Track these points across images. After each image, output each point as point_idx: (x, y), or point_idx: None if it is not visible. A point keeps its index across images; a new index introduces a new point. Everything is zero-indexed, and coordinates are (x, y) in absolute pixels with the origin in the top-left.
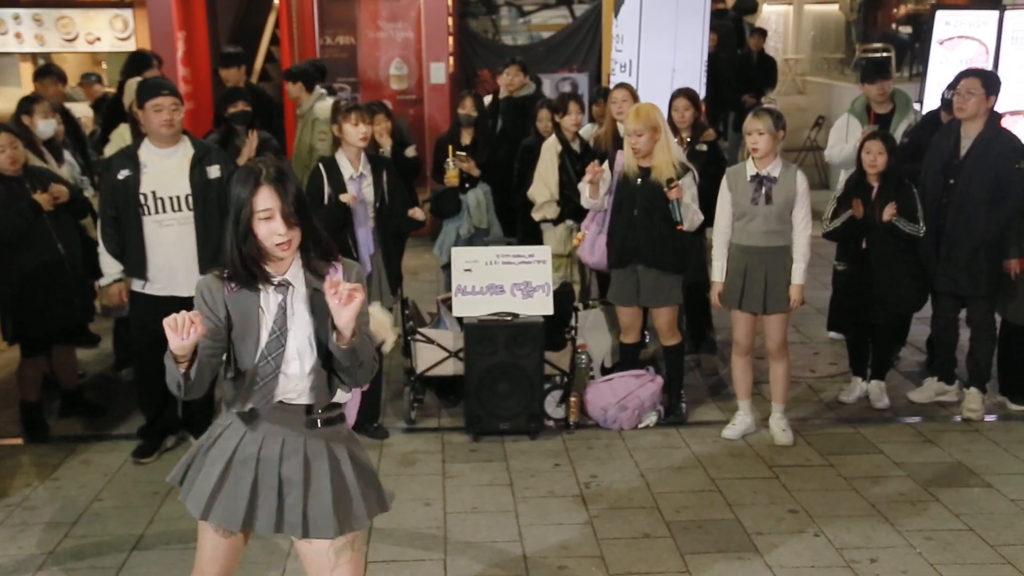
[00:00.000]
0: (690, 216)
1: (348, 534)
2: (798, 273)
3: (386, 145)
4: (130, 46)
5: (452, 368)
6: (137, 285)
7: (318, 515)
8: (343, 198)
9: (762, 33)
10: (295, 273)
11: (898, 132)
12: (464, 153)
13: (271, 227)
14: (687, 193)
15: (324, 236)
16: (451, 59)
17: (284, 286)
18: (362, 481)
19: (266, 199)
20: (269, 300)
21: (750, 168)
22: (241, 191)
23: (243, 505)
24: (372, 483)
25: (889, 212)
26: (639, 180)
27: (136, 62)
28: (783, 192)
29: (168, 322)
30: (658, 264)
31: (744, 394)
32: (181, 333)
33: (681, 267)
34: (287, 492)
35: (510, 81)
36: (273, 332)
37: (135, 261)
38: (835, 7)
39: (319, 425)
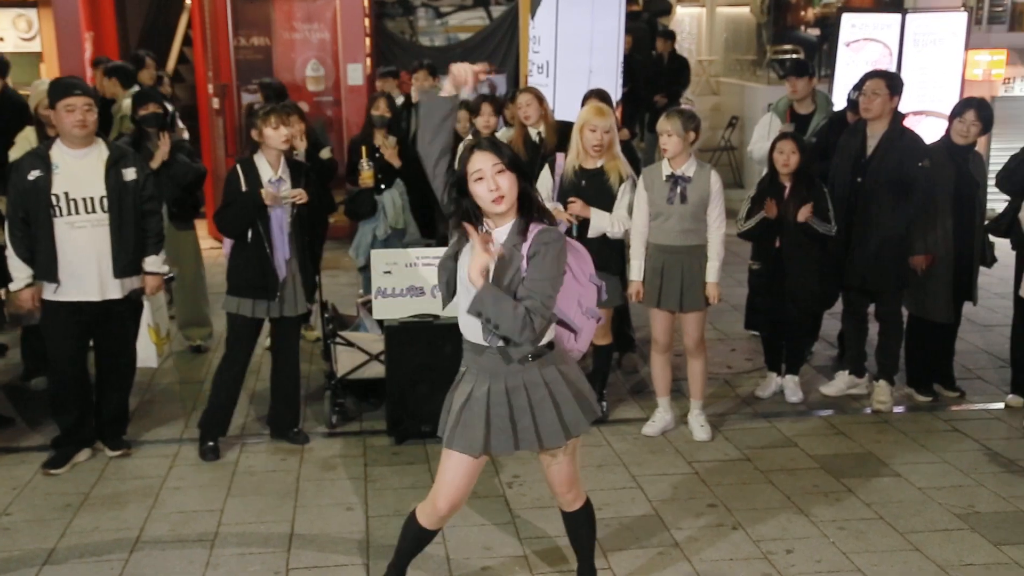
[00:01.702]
0: (605, 226)
1: (573, 441)
2: (712, 271)
3: (300, 147)
4: (35, 47)
5: (373, 371)
6: (49, 292)
7: (548, 431)
8: (264, 196)
9: (670, 35)
10: (503, 231)
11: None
12: (392, 142)
13: (483, 185)
14: (623, 199)
15: (538, 201)
16: (368, 60)
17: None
18: (576, 395)
19: (476, 162)
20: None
21: (665, 168)
22: (461, 158)
23: (480, 435)
24: (584, 394)
25: (805, 213)
26: (583, 182)
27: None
28: (697, 191)
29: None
30: (602, 266)
31: (663, 391)
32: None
33: (620, 269)
34: (518, 418)
35: (420, 85)
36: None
37: (45, 263)
38: (746, 9)
39: (529, 360)
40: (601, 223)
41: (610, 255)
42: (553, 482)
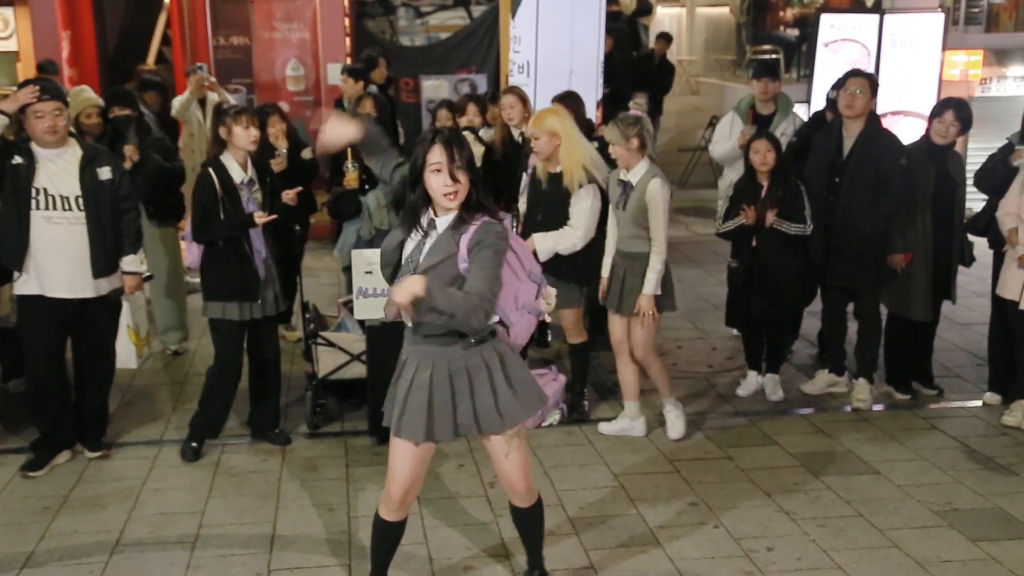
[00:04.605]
0: (550, 246)
1: (511, 429)
2: (647, 283)
3: (282, 147)
4: (11, 46)
5: (355, 371)
6: (21, 286)
7: (485, 416)
8: (258, 220)
9: (667, 38)
10: (445, 220)
11: (776, 133)
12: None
13: (440, 179)
14: (583, 203)
15: (486, 198)
16: (348, 60)
17: (432, 227)
18: (512, 386)
19: (437, 154)
20: (416, 235)
21: (621, 172)
22: (419, 147)
23: (423, 421)
24: (521, 388)
25: (770, 219)
26: (543, 186)
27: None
28: (635, 199)
29: None
30: (555, 273)
31: (628, 395)
32: None
33: (581, 278)
34: (458, 401)
35: (349, 95)
36: (408, 261)
37: (14, 251)
38: (726, 9)
39: (472, 344)
40: (545, 244)
41: (563, 261)
42: (508, 477)
